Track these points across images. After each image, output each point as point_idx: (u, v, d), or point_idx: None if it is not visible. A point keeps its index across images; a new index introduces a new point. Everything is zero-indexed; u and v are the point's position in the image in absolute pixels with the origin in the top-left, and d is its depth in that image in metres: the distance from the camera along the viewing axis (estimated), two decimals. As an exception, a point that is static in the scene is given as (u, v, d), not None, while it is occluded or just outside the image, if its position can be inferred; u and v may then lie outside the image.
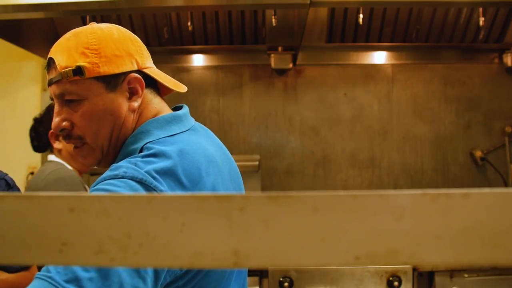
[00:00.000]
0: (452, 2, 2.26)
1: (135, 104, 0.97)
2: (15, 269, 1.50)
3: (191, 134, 0.97)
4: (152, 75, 0.99)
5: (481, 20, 2.34)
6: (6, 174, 1.51)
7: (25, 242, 0.32)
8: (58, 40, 0.97)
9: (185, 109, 1.04)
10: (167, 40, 2.63)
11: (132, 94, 0.97)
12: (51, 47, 0.97)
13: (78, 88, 0.93)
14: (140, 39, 1.02)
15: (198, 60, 2.89)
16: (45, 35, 2.49)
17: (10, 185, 1.48)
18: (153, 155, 0.86)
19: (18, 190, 1.54)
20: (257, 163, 2.61)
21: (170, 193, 0.81)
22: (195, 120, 1.06)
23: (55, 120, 0.95)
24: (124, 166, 0.83)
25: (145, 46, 1.02)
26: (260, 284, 2.12)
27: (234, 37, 2.69)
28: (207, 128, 1.07)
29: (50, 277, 0.68)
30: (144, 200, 0.32)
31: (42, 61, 2.81)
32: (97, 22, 1.01)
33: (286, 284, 2.06)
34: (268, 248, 0.32)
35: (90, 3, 1.97)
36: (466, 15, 2.51)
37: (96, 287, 0.69)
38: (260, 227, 0.32)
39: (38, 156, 2.85)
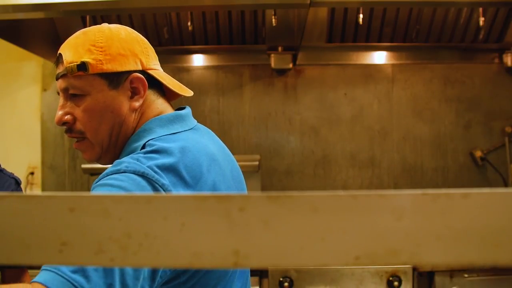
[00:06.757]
0: (452, 2, 2.26)
1: (136, 104, 0.98)
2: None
3: (193, 133, 0.99)
4: (156, 76, 1.00)
5: (481, 20, 2.34)
6: (12, 174, 1.53)
7: (25, 242, 0.32)
8: (69, 38, 1.00)
9: (188, 110, 1.06)
10: (167, 40, 2.63)
11: (134, 93, 0.98)
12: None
13: (82, 83, 0.95)
14: (141, 39, 1.03)
15: (198, 60, 2.89)
16: (45, 35, 2.49)
17: (18, 184, 1.52)
18: (155, 151, 0.87)
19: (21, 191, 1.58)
20: (257, 163, 2.61)
21: (170, 193, 0.82)
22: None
23: (59, 113, 0.98)
24: (126, 161, 0.85)
25: (152, 48, 1.04)
26: (260, 284, 2.12)
27: (234, 37, 2.69)
28: (209, 129, 1.09)
29: (57, 268, 0.71)
30: (144, 200, 0.32)
31: (42, 61, 2.80)
32: (97, 22, 1.02)
33: (286, 284, 2.06)
34: (268, 248, 0.32)
35: (90, 3, 1.97)
36: (466, 15, 2.51)
37: (101, 277, 0.72)
38: (260, 227, 0.32)
39: (38, 156, 2.86)
